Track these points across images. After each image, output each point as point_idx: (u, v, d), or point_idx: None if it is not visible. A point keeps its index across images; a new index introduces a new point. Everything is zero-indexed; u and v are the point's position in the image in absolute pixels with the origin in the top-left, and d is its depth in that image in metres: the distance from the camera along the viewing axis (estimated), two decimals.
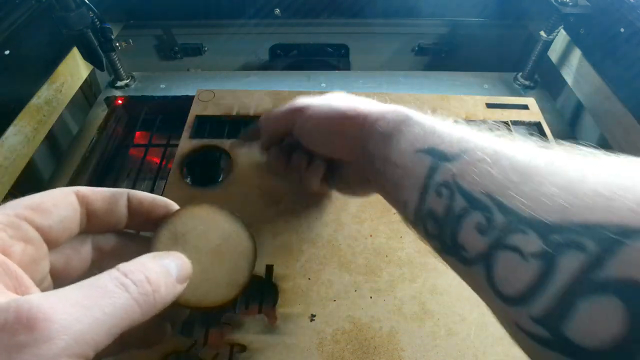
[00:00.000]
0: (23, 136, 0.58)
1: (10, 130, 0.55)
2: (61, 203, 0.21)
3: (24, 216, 0.19)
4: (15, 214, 0.19)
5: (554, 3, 0.66)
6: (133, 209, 0.24)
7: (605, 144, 0.63)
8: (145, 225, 0.25)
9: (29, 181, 0.63)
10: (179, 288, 0.20)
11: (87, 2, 0.59)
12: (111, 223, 0.23)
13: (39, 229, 0.20)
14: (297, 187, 0.44)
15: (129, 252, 0.23)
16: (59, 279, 0.22)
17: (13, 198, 0.21)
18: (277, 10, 0.80)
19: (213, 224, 0.24)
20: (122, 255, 0.23)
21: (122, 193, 0.23)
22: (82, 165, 0.65)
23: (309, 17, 0.82)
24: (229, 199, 0.52)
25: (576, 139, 0.69)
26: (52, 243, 0.21)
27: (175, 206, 0.25)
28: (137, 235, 0.26)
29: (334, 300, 0.43)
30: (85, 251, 0.23)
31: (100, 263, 0.24)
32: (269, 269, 0.46)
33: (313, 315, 0.42)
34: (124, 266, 0.18)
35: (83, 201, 0.22)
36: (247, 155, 0.57)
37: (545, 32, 0.70)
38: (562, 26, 0.69)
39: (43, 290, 0.20)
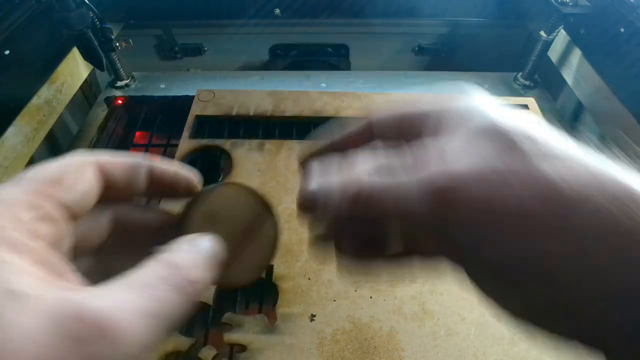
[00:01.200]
0: (23, 136, 0.58)
1: (10, 130, 0.55)
2: (82, 176, 0.19)
3: (46, 193, 0.18)
4: (36, 192, 0.18)
5: (554, 3, 0.66)
6: (153, 181, 0.22)
7: (605, 144, 0.63)
8: (163, 195, 0.24)
9: None
10: (214, 274, 0.20)
11: (87, 2, 0.59)
12: (128, 195, 0.22)
13: (62, 206, 0.18)
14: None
15: (146, 221, 0.23)
16: (78, 250, 0.21)
17: None
18: (277, 10, 0.80)
19: (241, 204, 0.24)
20: (140, 224, 0.23)
21: (142, 165, 0.22)
22: None
23: (309, 17, 0.82)
24: None
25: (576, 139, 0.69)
26: (72, 219, 0.19)
27: (195, 181, 0.24)
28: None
29: (334, 300, 0.43)
30: (103, 221, 0.22)
31: (117, 232, 0.23)
32: (269, 269, 0.46)
33: (313, 315, 0.42)
34: (170, 262, 0.17)
35: (102, 172, 0.20)
36: (246, 155, 0.57)
37: (545, 32, 0.70)
38: (562, 26, 0.69)
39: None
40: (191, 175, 0.23)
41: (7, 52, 0.55)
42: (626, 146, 0.58)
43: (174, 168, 0.23)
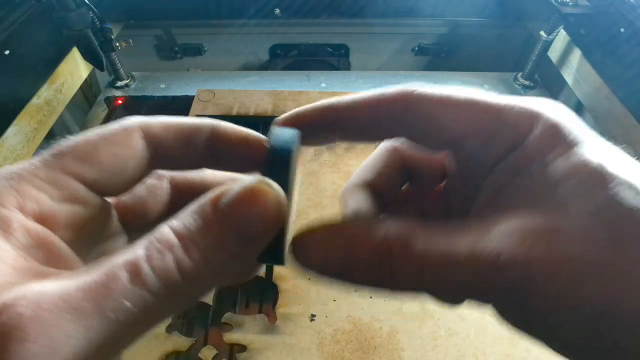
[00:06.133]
0: (23, 136, 0.58)
1: (10, 130, 0.55)
2: (121, 151, 0.16)
3: (71, 171, 0.15)
4: (61, 168, 0.15)
5: (554, 3, 0.66)
6: (218, 148, 0.18)
7: None
8: (234, 166, 0.19)
9: None
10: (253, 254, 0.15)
11: (87, 2, 0.59)
12: (185, 167, 0.19)
13: (90, 185, 0.16)
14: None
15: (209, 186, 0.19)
16: (136, 222, 0.19)
17: None
18: (277, 10, 0.80)
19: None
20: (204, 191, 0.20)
21: (201, 130, 0.17)
22: None
23: (309, 17, 0.82)
24: None
25: None
26: (109, 194, 0.17)
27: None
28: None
29: (334, 300, 0.43)
30: (163, 189, 0.19)
31: (179, 199, 0.20)
32: (269, 269, 0.46)
33: (313, 315, 0.42)
34: (152, 240, 0.13)
35: (151, 143, 0.17)
36: None
37: (545, 32, 0.70)
38: (562, 26, 0.69)
39: (105, 247, 0.17)
40: (263, 138, 0.18)
41: (7, 52, 0.55)
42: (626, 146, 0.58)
43: (244, 132, 0.18)
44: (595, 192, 0.12)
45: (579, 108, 0.75)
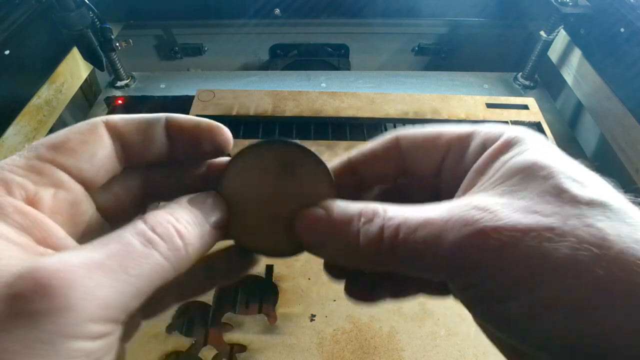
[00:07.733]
0: (23, 136, 0.58)
1: (10, 130, 0.55)
2: (89, 139, 0.18)
3: (47, 158, 0.17)
4: (37, 156, 0.17)
5: (554, 3, 0.66)
6: (174, 136, 0.20)
7: (605, 144, 0.63)
8: (193, 154, 0.21)
9: None
10: (217, 235, 0.18)
11: (87, 2, 0.59)
12: (151, 155, 0.20)
13: (67, 170, 0.17)
14: None
15: (183, 186, 0.21)
16: (113, 217, 0.20)
17: None
18: (277, 10, 0.80)
19: (273, 166, 0.20)
20: (175, 189, 0.21)
21: (158, 119, 0.20)
22: None
23: (309, 17, 0.82)
24: None
25: (576, 139, 0.69)
26: (88, 184, 0.18)
27: (223, 130, 0.21)
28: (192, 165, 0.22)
29: (334, 300, 0.43)
30: (135, 187, 0.21)
31: (156, 197, 0.22)
32: (269, 269, 0.46)
33: (313, 315, 0.42)
34: (151, 217, 0.16)
35: (115, 133, 0.19)
36: None
37: (545, 32, 0.70)
38: (562, 26, 0.69)
39: (90, 235, 0.18)
40: (214, 124, 0.20)
41: (7, 52, 0.55)
42: (626, 146, 0.58)
43: (196, 119, 0.20)
44: (544, 181, 0.15)
45: (579, 108, 0.75)
